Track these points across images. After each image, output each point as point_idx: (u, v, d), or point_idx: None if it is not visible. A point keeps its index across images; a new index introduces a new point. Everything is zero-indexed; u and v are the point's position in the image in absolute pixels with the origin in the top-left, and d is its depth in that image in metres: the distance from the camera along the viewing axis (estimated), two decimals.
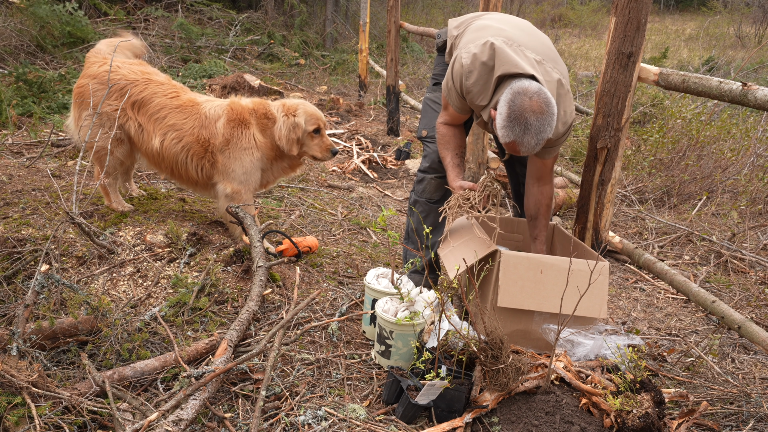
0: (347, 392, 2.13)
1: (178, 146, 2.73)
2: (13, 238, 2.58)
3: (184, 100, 2.79)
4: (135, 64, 2.88)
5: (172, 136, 2.71)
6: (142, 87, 2.75)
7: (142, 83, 2.76)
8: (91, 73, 2.78)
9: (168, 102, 2.75)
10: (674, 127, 5.29)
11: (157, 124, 2.72)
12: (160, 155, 2.76)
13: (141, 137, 2.76)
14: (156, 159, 2.80)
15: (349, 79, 9.73)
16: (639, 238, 4.25)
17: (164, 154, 2.75)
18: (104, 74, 2.75)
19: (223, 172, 2.78)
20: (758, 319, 3.08)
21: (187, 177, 2.84)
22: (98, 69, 2.78)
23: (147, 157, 2.86)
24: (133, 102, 2.74)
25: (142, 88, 2.75)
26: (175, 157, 2.75)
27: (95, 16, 9.07)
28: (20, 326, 2.00)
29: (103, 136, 2.76)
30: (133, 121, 2.75)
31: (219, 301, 2.51)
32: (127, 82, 2.75)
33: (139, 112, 2.74)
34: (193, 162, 2.77)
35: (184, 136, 2.73)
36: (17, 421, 1.70)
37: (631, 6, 2.92)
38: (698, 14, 20.07)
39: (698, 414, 2.01)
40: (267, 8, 11.58)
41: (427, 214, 2.82)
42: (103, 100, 2.73)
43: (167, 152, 2.74)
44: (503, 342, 1.98)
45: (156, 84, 2.79)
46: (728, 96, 2.50)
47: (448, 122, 2.60)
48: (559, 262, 2.25)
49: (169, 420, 1.69)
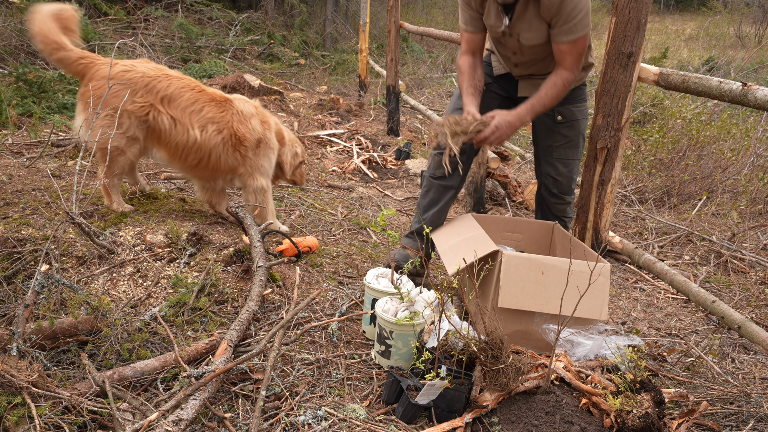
0: (347, 392, 2.13)
1: (218, 137, 2.85)
2: (13, 238, 2.58)
3: (214, 95, 2.90)
4: (145, 62, 2.92)
5: (213, 128, 2.82)
6: (166, 83, 2.81)
7: (164, 79, 2.82)
8: (105, 75, 2.77)
9: (199, 96, 2.84)
10: (674, 127, 5.29)
11: (194, 117, 2.80)
12: (196, 145, 2.83)
13: (174, 130, 2.80)
14: (187, 150, 2.84)
15: (349, 79, 9.73)
16: (639, 238, 4.25)
17: (202, 144, 2.83)
18: (121, 75, 2.78)
19: (254, 167, 2.98)
20: (758, 319, 3.08)
21: (215, 167, 2.93)
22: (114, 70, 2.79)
23: (171, 150, 2.87)
24: (161, 97, 2.79)
25: (167, 84, 2.81)
26: (214, 147, 2.85)
27: (95, 16, 9.07)
28: (20, 326, 2.00)
29: (119, 136, 2.78)
30: (166, 115, 2.79)
31: (219, 301, 2.51)
32: (150, 78, 2.80)
33: (170, 106, 2.79)
34: (227, 153, 2.90)
35: (224, 128, 2.85)
36: (17, 421, 1.70)
37: (631, 6, 2.92)
38: (698, 14, 20.07)
39: (698, 414, 2.01)
40: (267, 8, 11.59)
41: (428, 189, 2.88)
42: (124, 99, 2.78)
43: (207, 142, 2.83)
44: (503, 342, 1.98)
45: (177, 79, 2.85)
46: (728, 96, 2.50)
47: (466, 51, 2.73)
48: (561, 264, 2.25)
49: (169, 420, 1.69)
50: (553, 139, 2.81)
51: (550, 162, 2.86)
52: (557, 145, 2.81)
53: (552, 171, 2.86)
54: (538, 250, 2.94)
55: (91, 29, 7.58)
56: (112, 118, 2.75)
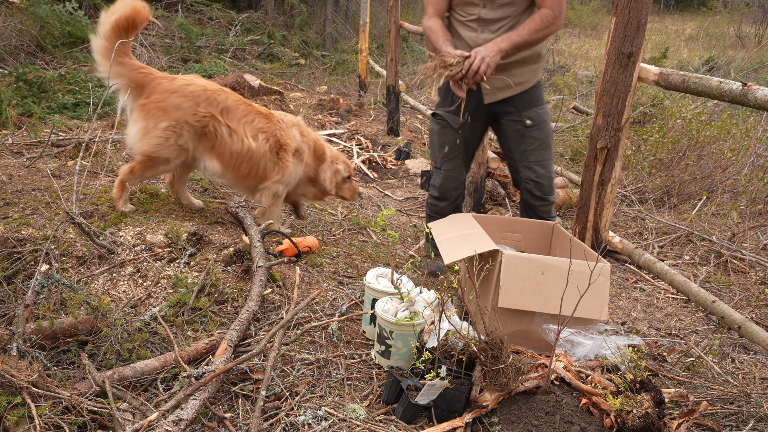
0: (347, 392, 2.13)
1: (266, 145, 3.05)
2: (13, 238, 2.58)
3: (259, 108, 3.13)
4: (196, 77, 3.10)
5: (262, 137, 3.04)
6: (224, 96, 3.01)
7: (222, 92, 3.02)
8: (169, 88, 2.91)
9: (249, 109, 3.07)
10: (674, 127, 5.29)
11: (247, 127, 3.01)
12: (249, 153, 3.02)
13: (230, 139, 3.00)
14: (242, 159, 3.03)
15: (349, 79, 9.73)
16: (639, 238, 4.25)
17: (255, 152, 3.02)
18: (185, 88, 2.93)
19: (282, 173, 3.12)
20: (758, 319, 3.08)
21: (261, 174, 3.10)
22: (175, 84, 2.94)
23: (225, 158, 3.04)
24: (222, 109, 2.98)
25: (225, 97, 3.01)
26: (263, 155, 3.05)
27: (95, 16, 9.06)
28: (20, 326, 2.00)
29: (172, 147, 2.93)
30: (224, 126, 2.98)
31: (219, 301, 2.51)
32: (212, 91, 2.99)
33: (228, 117, 2.99)
34: (272, 159, 3.09)
35: (271, 137, 3.06)
36: (17, 421, 1.70)
37: (631, 6, 2.92)
38: (698, 14, 20.07)
39: (698, 414, 2.01)
40: (267, 8, 11.58)
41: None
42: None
43: (258, 150, 3.03)
44: (503, 342, 1.98)
45: (230, 93, 3.07)
46: (728, 96, 2.50)
47: (432, 14, 2.83)
48: (561, 264, 2.25)
49: (169, 420, 1.69)
50: (527, 144, 2.89)
51: (528, 167, 2.92)
52: (532, 149, 2.89)
53: (532, 175, 2.92)
54: (538, 250, 2.95)
55: (90, 29, 7.58)
56: (172, 130, 2.90)
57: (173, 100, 2.88)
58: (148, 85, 2.93)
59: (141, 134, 2.89)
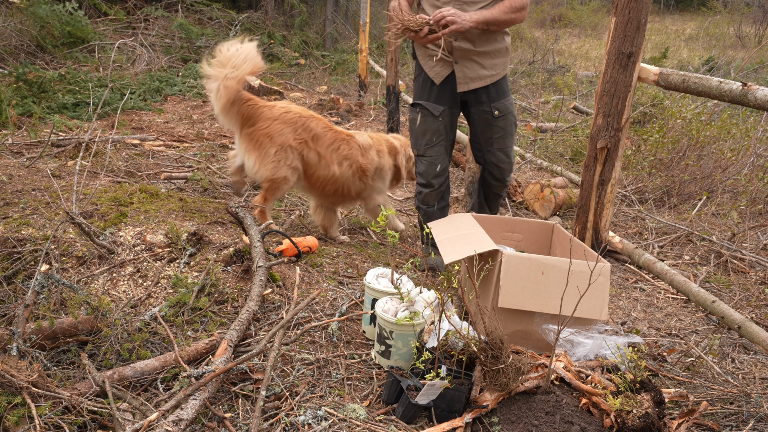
0: (347, 392, 2.13)
1: (350, 171, 3.32)
2: (13, 238, 2.58)
3: (341, 132, 3.35)
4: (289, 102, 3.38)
5: (346, 164, 3.30)
6: (315, 122, 3.25)
7: (314, 119, 3.26)
8: (271, 116, 3.16)
9: (335, 135, 3.30)
10: (674, 127, 5.29)
11: (334, 154, 3.26)
12: (334, 178, 3.28)
13: (318, 164, 3.25)
14: (325, 182, 3.29)
15: (349, 79, 9.73)
16: (639, 238, 4.25)
17: (339, 177, 3.29)
18: (284, 115, 3.17)
19: (373, 189, 3.46)
20: (758, 319, 3.08)
21: (347, 194, 3.40)
22: (275, 111, 3.19)
23: (313, 181, 3.30)
24: (313, 135, 3.22)
25: (316, 123, 3.25)
26: (347, 179, 3.32)
27: (95, 16, 9.08)
28: (20, 326, 2.00)
29: (286, 167, 3.18)
30: (313, 152, 3.23)
31: (219, 301, 2.51)
32: (306, 118, 3.23)
33: (317, 143, 3.23)
34: (356, 182, 3.36)
35: (353, 163, 3.32)
36: (17, 421, 1.70)
37: (631, 6, 2.92)
38: (698, 14, 20.06)
39: (698, 414, 2.01)
40: (267, 8, 11.58)
41: (428, 217, 3.22)
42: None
43: (342, 176, 3.30)
44: (503, 342, 1.98)
45: (317, 119, 3.29)
46: (728, 96, 2.51)
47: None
48: (561, 264, 2.25)
49: (169, 420, 1.69)
50: (493, 132, 3.11)
51: (491, 152, 3.16)
52: (497, 137, 3.11)
53: (495, 160, 3.17)
54: (538, 250, 2.95)
55: (91, 29, 7.58)
56: (281, 154, 3.15)
57: (276, 127, 3.14)
58: (252, 115, 3.17)
59: (258, 163, 3.16)
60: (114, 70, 6.93)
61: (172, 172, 4.09)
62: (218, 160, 4.58)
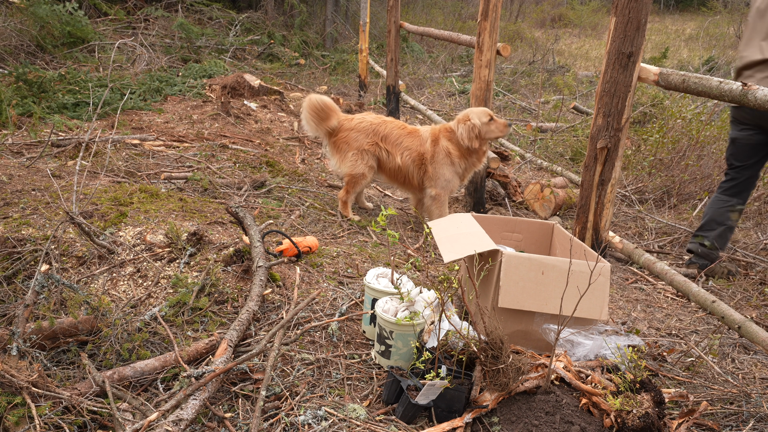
0: (347, 392, 2.13)
1: (410, 160, 3.84)
2: (13, 238, 2.58)
3: (410, 129, 3.91)
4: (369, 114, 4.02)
5: (406, 154, 3.83)
6: (384, 126, 3.89)
7: (383, 124, 3.90)
8: (349, 127, 3.89)
9: (401, 131, 3.89)
10: (674, 127, 5.29)
11: (397, 148, 3.85)
12: (398, 169, 3.86)
13: (387, 159, 3.88)
14: (395, 172, 3.89)
15: (349, 79, 9.73)
16: (639, 238, 4.25)
17: (402, 167, 3.85)
18: (358, 124, 3.88)
19: (432, 179, 3.84)
20: (758, 319, 3.08)
21: (411, 183, 3.92)
22: (354, 123, 3.89)
23: (387, 173, 3.95)
24: (381, 137, 3.87)
25: (384, 127, 3.88)
26: (408, 168, 3.85)
27: (95, 16, 9.08)
28: (20, 326, 2.00)
29: (363, 165, 3.87)
30: (383, 150, 3.87)
31: (219, 301, 2.51)
32: (376, 124, 3.89)
33: (385, 142, 3.87)
34: (417, 171, 3.85)
35: (413, 153, 3.83)
36: (17, 421, 1.70)
37: (631, 6, 2.92)
38: (698, 14, 20.05)
39: (698, 414, 2.01)
40: (267, 8, 11.58)
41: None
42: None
43: (404, 165, 3.84)
44: (503, 342, 1.98)
45: (390, 122, 3.92)
46: (728, 96, 2.50)
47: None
48: (561, 263, 2.25)
49: (169, 420, 1.69)
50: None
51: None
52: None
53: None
54: (538, 250, 2.95)
55: (90, 29, 7.58)
56: (358, 155, 3.86)
57: (352, 135, 3.87)
58: (335, 127, 3.91)
59: (339, 162, 3.93)
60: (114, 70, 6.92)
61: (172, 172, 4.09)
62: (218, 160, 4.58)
